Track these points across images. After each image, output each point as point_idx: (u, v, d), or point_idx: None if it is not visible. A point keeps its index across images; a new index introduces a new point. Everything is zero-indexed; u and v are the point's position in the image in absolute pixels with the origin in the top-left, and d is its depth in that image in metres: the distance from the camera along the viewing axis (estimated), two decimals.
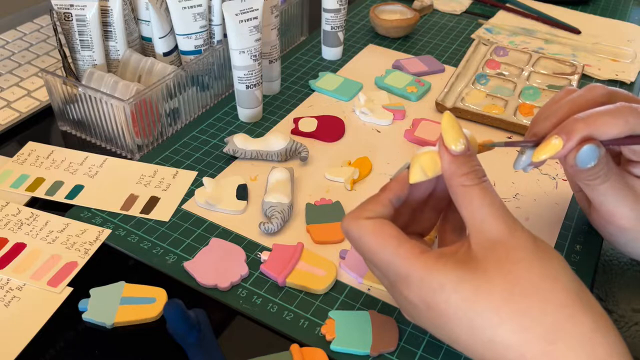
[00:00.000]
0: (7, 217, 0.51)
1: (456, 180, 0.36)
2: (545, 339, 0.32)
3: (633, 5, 0.96)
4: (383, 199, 0.38)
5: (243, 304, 0.44)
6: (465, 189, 0.35)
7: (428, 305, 0.35)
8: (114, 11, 0.60)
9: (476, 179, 0.36)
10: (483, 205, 0.35)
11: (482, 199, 0.35)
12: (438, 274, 0.34)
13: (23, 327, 0.42)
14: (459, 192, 0.36)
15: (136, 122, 0.56)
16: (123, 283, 0.45)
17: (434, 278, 0.34)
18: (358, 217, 0.38)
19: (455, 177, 0.36)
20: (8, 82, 0.68)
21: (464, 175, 0.36)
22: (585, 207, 0.48)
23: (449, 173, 0.36)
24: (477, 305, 0.33)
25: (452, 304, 0.33)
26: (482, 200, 0.35)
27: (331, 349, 0.41)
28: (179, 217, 0.52)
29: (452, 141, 0.36)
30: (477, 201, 0.35)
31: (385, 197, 0.38)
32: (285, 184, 0.53)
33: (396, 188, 0.39)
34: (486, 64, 0.73)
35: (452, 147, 0.36)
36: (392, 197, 0.38)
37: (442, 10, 0.91)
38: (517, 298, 0.32)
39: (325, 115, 0.65)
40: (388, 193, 0.39)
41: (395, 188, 0.39)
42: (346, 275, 0.47)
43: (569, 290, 0.33)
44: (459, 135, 0.36)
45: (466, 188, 0.35)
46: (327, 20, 0.73)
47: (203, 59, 0.63)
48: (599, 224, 0.46)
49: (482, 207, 0.35)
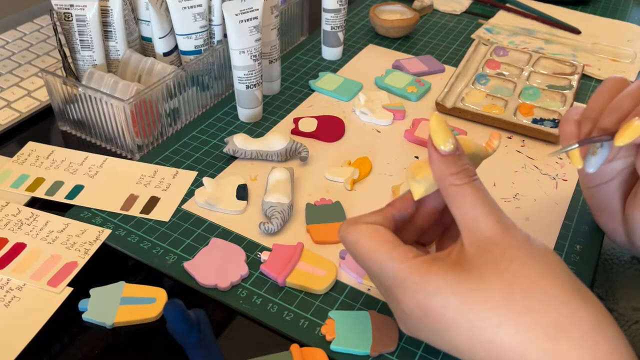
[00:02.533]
0: (7, 217, 0.51)
1: (447, 180, 0.36)
2: (546, 337, 0.31)
3: (633, 5, 0.96)
4: (386, 213, 0.39)
5: (243, 304, 0.44)
6: (456, 189, 0.35)
7: (425, 310, 0.34)
8: (114, 11, 0.60)
9: (466, 177, 0.35)
10: (475, 204, 0.35)
11: (473, 198, 0.35)
12: (434, 278, 0.34)
13: (23, 327, 0.42)
14: (450, 192, 0.36)
15: (136, 122, 0.56)
16: (123, 283, 0.45)
17: (429, 282, 0.34)
18: (355, 222, 0.38)
19: (446, 177, 0.36)
20: (8, 82, 0.68)
21: (454, 174, 0.35)
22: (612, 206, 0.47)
23: (439, 173, 0.36)
24: (475, 307, 0.33)
25: (450, 307, 0.33)
26: (473, 199, 0.35)
27: (331, 349, 0.41)
28: (179, 217, 0.52)
29: (441, 142, 0.36)
30: (469, 199, 0.35)
31: (389, 212, 0.39)
32: (285, 184, 0.53)
33: (400, 205, 0.39)
34: (486, 64, 0.73)
35: (441, 147, 0.36)
36: (396, 213, 0.39)
37: (442, 10, 0.91)
38: (516, 297, 0.32)
39: (325, 115, 0.65)
40: (392, 209, 0.39)
41: (400, 205, 0.39)
42: (346, 275, 0.47)
43: (568, 286, 0.33)
44: (447, 135, 0.36)
45: (457, 187, 0.35)
46: (327, 20, 0.73)
47: (203, 59, 0.63)
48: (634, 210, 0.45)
49: (474, 206, 0.35)
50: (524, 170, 0.58)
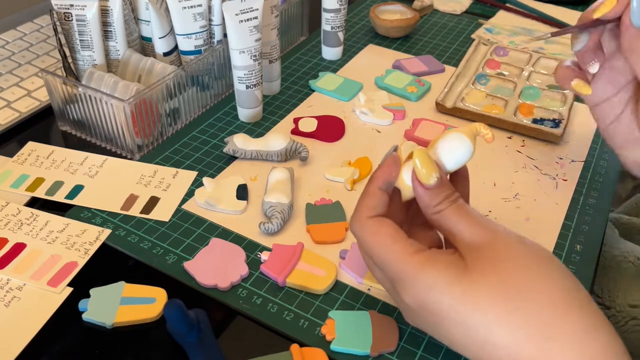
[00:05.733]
0: (7, 217, 0.51)
1: (431, 210, 0.37)
2: (537, 338, 0.32)
3: None
4: (372, 190, 0.39)
5: (243, 304, 0.44)
6: (440, 215, 0.37)
7: (421, 305, 0.35)
8: (114, 11, 0.60)
9: (447, 203, 0.37)
10: (460, 220, 0.36)
11: (457, 215, 0.36)
12: (429, 274, 0.35)
13: (23, 327, 0.42)
14: (435, 219, 0.37)
15: (136, 122, 0.56)
16: (123, 283, 0.45)
17: (425, 278, 0.35)
18: (360, 217, 0.38)
19: (430, 208, 0.37)
20: (8, 82, 0.68)
21: (437, 205, 0.37)
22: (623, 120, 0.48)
23: (424, 204, 0.37)
24: (468, 306, 0.33)
25: (444, 304, 0.34)
26: (458, 217, 0.36)
27: (331, 349, 0.41)
28: (179, 217, 0.52)
29: (426, 178, 0.37)
30: (454, 218, 0.36)
31: (374, 187, 0.39)
32: (285, 184, 0.53)
33: (381, 175, 0.39)
34: (486, 64, 0.73)
35: (425, 183, 0.37)
36: (381, 184, 0.39)
37: (442, 10, 0.91)
38: (509, 297, 0.33)
39: (325, 115, 0.65)
40: (376, 182, 0.39)
41: (381, 175, 0.39)
42: (346, 275, 0.47)
43: (561, 288, 0.33)
44: (430, 170, 0.37)
45: (441, 213, 0.37)
46: (327, 20, 0.73)
47: (203, 59, 0.63)
48: None
49: (459, 222, 0.36)
50: (524, 170, 0.58)
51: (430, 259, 0.35)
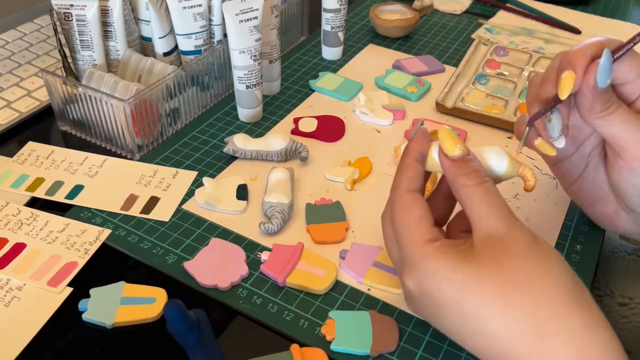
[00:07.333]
0: (7, 217, 0.51)
1: (458, 182, 0.37)
2: (535, 333, 0.32)
3: (633, 5, 0.96)
4: (409, 162, 0.39)
5: (243, 304, 0.44)
6: (467, 189, 0.37)
7: (423, 292, 0.36)
8: (114, 11, 0.60)
9: (477, 178, 0.37)
10: (482, 203, 0.36)
11: (482, 198, 0.36)
12: (433, 261, 0.35)
13: (23, 327, 0.42)
14: (462, 193, 0.37)
15: (136, 122, 0.56)
16: (123, 283, 0.45)
17: (428, 264, 0.35)
18: (398, 188, 0.39)
19: (457, 179, 0.37)
20: (8, 82, 0.68)
21: (465, 175, 0.37)
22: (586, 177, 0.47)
23: (452, 176, 0.38)
24: (468, 296, 0.34)
25: (444, 292, 0.34)
26: (482, 199, 0.36)
27: (331, 349, 0.41)
28: (179, 217, 0.52)
29: (450, 148, 0.38)
30: (477, 199, 0.36)
31: (410, 159, 0.39)
32: (285, 184, 0.53)
33: (415, 147, 0.40)
34: (486, 64, 0.73)
35: (450, 153, 0.38)
36: (416, 156, 0.39)
37: (442, 10, 0.91)
38: (508, 292, 0.33)
39: (325, 115, 0.65)
40: (411, 154, 0.40)
41: (414, 147, 0.40)
42: (346, 275, 0.47)
43: (562, 286, 0.33)
44: (455, 142, 0.38)
45: (468, 188, 0.37)
46: (327, 20, 0.73)
47: (203, 59, 0.63)
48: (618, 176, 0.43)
49: (481, 205, 0.36)
50: None
51: (440, 249, 0.36)
